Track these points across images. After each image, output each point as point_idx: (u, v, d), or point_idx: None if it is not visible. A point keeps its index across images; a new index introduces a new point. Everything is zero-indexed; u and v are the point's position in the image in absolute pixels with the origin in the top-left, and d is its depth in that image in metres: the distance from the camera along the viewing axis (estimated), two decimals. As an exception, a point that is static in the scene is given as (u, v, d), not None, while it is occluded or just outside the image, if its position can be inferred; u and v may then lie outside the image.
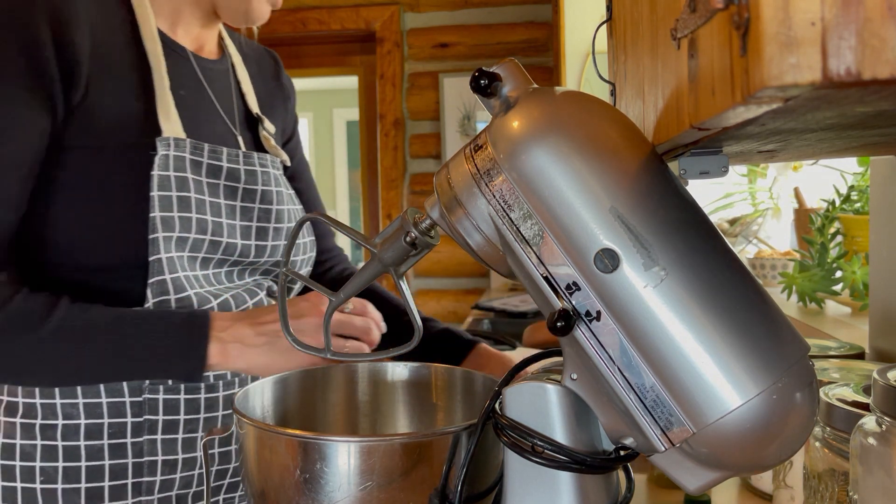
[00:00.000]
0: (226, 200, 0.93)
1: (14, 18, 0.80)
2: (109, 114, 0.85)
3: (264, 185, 0.97)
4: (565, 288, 0.49)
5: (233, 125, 1.00)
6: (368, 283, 0.70)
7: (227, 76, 1.03)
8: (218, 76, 1.01)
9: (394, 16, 3.49)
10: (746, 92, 0.28)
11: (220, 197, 0.92)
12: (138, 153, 0.86)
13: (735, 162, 0.65)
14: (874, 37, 0.25)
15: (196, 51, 0.99)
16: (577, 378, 0.54)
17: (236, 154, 0.95)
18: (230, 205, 0.93)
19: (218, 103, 0.99)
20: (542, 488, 0.55)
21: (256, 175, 0.97)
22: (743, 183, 2.14)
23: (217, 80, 1.00)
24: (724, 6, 0.31)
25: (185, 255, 0.87)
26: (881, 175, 1.00)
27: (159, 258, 0.85)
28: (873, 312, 1.02)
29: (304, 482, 0.63)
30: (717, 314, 0.46)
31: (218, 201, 0.91)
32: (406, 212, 0.64)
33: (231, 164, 0.94)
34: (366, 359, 0.86)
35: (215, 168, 0.92)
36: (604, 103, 0.53)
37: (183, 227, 0.86)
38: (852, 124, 0.40)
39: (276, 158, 1.03)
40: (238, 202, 0.94)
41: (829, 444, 0.61)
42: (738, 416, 0.45)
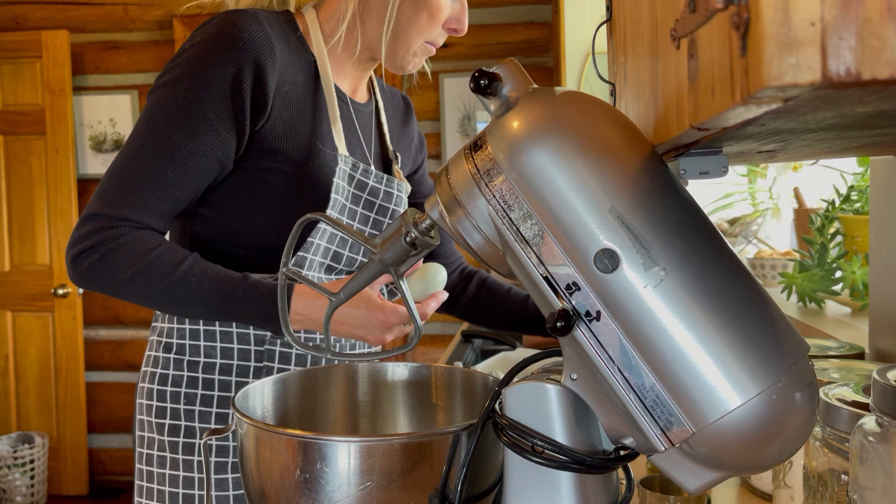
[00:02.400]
0: (363, 210, 1.16)
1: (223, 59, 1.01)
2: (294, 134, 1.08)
3: (395, 204, 1.20)
4: (565, 288, 0.49)
5: (368, 155, 1.21)
6: (368, 283, 0.70)
7: (370, 116, 1.25)
8: (364, 116, 1.23)
9: (394, 16, 3.48)
10: (746, 92, 0.29)
11: (360, 207, 1.15)
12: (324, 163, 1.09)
13: (735, 162, 0.65)
14: (874, 37, 0.25)
15: (351, 94, 1.21)
16: (577, 378, 0.54)
17: (381, 177, 1.18)
18: (366, 214, 1.16)
19: (362, 137, 1.21)
20: (542, 488, 0.55)
21: (392, 196, 1.19)
22: (743, 183, 2.14)
23: (363, 119, 1.22)
24: (723, 6, 0.31)
25: (324, 245, 1.10)
26: (881, 175, 1.00)
27: (313, 241, 1.08)
28: (873, 312, 1.02)
29: (304, 482, 0.63)
30: (717, 314, 0.46)
31: (356, 209, 1.14)
32: (406, 212, 0.64)
33: (374, 183, 1.17)
34: (366, 359, 0.86)
35: (362, 183, 1.15)
36: (604, 103, 0.53)
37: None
38: (852, 124, 0.40)
39: (404, 185, 1.24)
40: (373, 214, 1.17)
41: (829, 444, 0.61)
42: (737, 416, 0.45)
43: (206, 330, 1.10)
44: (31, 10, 3.68)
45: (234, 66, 1.01)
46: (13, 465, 3.40)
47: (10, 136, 3.63)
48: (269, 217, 1.08)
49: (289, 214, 1.07)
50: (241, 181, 1.08)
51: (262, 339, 1.10)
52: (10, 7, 3.68)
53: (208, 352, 1.10)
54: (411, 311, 0.70)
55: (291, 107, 1.09)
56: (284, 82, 1.08)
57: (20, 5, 3.69)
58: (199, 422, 1.09)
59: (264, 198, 1.07)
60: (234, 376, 1.09)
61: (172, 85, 1.03)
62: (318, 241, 1.09)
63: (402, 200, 1.23)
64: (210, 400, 1.10)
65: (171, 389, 1.11)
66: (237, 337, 1.10)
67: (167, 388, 1.11)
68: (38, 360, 3.64)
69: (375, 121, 1.27)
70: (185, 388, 1.10)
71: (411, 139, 1.40)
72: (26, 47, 3.58)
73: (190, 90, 1.01)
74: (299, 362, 1.11)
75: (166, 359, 1.12)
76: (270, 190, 1.07)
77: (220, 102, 1.01)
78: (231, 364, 1.10)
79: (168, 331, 1.13)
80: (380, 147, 1.27)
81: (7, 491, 3.40)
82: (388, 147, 1.28)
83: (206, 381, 1.10)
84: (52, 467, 3.62)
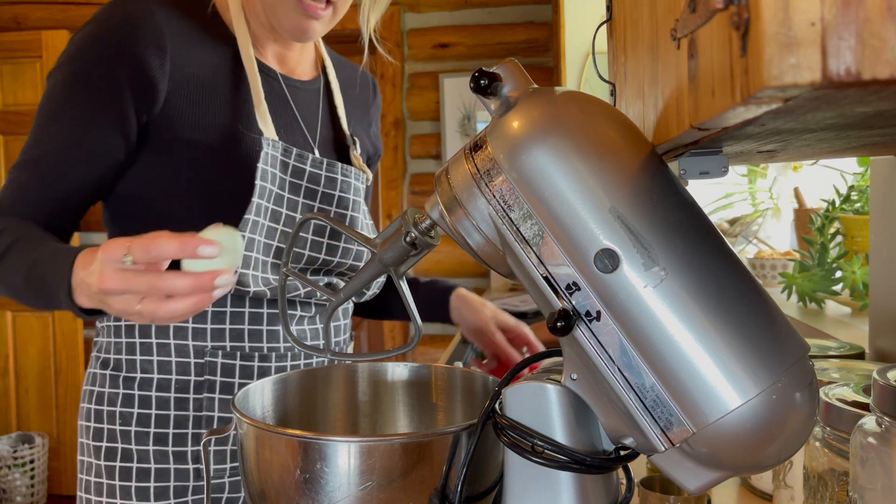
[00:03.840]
0: (304, 199, 1.05)
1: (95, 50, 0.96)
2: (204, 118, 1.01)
3: (342, 192, 1.10)
4: (565, 288, 0.49)
5: (312, 139, 1.12)
6: (368, 283, 0.70)
7: (314, 96, 1.16)
8: (303, 94, 1.14)
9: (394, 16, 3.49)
10: (746, 92, 0.28)
11: (300, 196, 1.05)
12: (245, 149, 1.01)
13: (735, 162, 0.65)
14: (874, 37, 0.25)
15: (286, 72, 1.13)
16: (577, 378, 0.54)
17: (321, 161, 1.08)
18: (308, 204, 1.06)
19: (301, 119, 1.12)
20: (542, 488, 0.55)
21: (336, 182, 1.10)
22: (743, 183, 2.14)
23: (302, 98, 1.13)
24: (723, 6, 0.31)
25: (264, 241, 0.99)
26: (881, 175, 1.00)
27: (243, 235, 0.96)
28: (873, 312, 1.02)
29: (304, 482, 0.63)
30: (717, 314, 0.46)
31: (297, 199, 1.04)
32: (406, 212, 0.64)
33: (314, 170, 1.07)
34: (366, 359, 0.86)
35: (299, 170, 1.05)
36: (604, 103, 0.53)
37: (264, 214, 0.99)
38: (852, 124, 0.40)
39: (361, 173, 1.15)
40: (316, 203, 1.07)
41: (829, 444, 0.61)
42: (737, 416, 0.45)
43: (142, 343, 1.02)
44: (31, 10, 3.68)
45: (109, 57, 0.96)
46: (13, 465, 3.40)
47: (10, 136, 3.63)
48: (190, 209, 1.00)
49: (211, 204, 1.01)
50: (155, 170, 1.01)
51: (202, 351, 1.02)
52: (10, 7, 3.69)
53: (144, 367, 1.02)
54: (411, 312, 0.70)
55: (201, 90, 1.02)
56: (186, 64, 1.01)
57: (20, 5, 3.69)
58: (135, 444, 1.02)
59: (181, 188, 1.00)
60: (173, 392, 1.02)
61: (52, 78, 0.99)
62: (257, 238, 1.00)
63: (352, 188, 1.13)
64: (147, 419, 1.02)
65: (107, 409, 1.04)
66: (175, 349, 1.02)
67: (103, 407, 1.04)
68: (38, 360, 3.64)
69: (326, 101, 1.19)
70: (119, 406, 1.03)
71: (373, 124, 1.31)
72: (26, 47, 3.58)
73: (66, 84, 0.97)
74: (244, 374, 1.02)
75: (102, 376, 1.05)
76: (187, 179, 1.00)
77: (95, 95, 0.96)
78: (169, 379, 1.02)
79: (106, 345, 1.06)
80: (332, 129, 1.18)
81: (7, 491, 3.40)
82: (342, 130, 1.19)
83: (142, 399, 1.02)
84: (52, 467, 3.62)
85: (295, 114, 1.12)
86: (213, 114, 1.01)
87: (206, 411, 1.02)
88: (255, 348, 1.02)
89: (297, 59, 1.15)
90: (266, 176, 1.00)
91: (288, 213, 1.03)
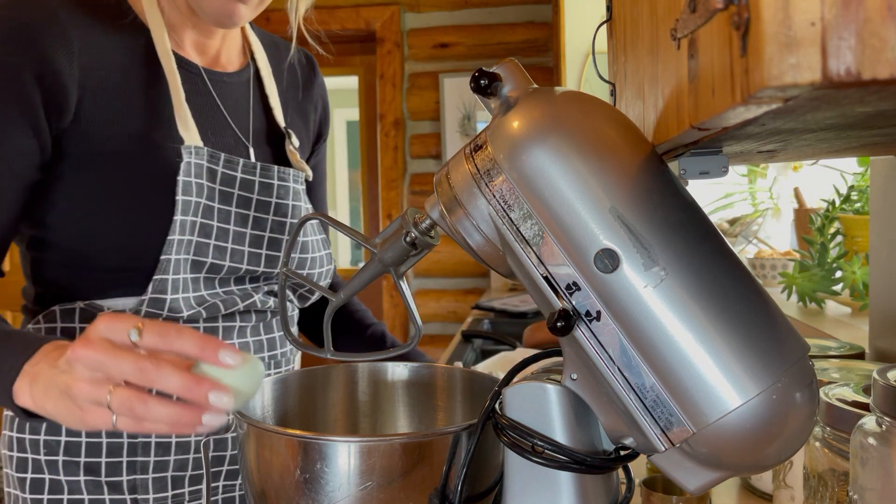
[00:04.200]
0: (238, 209, 0.95)
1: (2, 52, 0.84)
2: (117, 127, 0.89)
3: (279, 198, 1.00)
4: (565, 288, 0.49)
5: (245, 138, 1.02)
6: (368, 283, 0.70)
7: (243, 88, 1.04)
8: (232, 89, 1.03)
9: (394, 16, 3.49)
10: (746, 92, 0.29)
11: (233, 205, 0.95)
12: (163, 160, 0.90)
13: (735, 162, 0.65)
14: (874, 37, 0.25)
15: (209, 65, 1.01)
16: (577, 378, 0.54)
17: (253, 166, 0.97)
18: (242, 214, 0.96)
19: (230, 117, 1.01)
20: (542, 488, 0.55)
21: (272, 188, 0.99)
22: (743, 183, 2.14)
23: (231, 94, 1.02)
24: (724, 6, 0.31)
25: (191, 259, 0.90)
26: (881, 175, 1.00)
27: (169, 258, 0.88)
28: (873, 312, 1.02)
29: (304, 482, 0.63)
30: (717, 314, 0.46)
31: (228, 209, 0.94)
32: (406, 212, 0.64)
33: (246, 175, 0.96)
34: (366, 359, 0.86)
35: (229, 177, 0.95)
36: (604, 103, 0.53)
37: (190, 230, 0.90)
38: (852, 124, 0.40)
39: (300, 173, 1.04)
40: (251, 212, 0.97)
41: (829, 444, 0.61)
42: (738, 416, 0.45)
43: None
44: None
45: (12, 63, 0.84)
46: (13, 465, 3.39)
47: None
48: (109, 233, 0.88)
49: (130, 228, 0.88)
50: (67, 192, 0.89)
51: None
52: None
53: None
54: (411, 311, 0.70)
55: (113, 95, 0.90)
56: (96, 67, 0.88)
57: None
58: (64, 475, 0.91)
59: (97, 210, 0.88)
60: None
61: None
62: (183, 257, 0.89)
63: (289, 191, 1.01)
64: (76, 448, 0.91)
65: (30, 437, 0.93)
66: None
67: (25, 435, 0.93)
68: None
69: (257, 92, 1.06)
70: (44, 434, 0.92)
71: (314, 108, 1.16)
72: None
73: None
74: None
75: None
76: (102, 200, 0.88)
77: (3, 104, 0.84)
78: None
79: None
80: (266, 123, 1.06)
81: (7, 491, 3.39)
82: (276, 122, 1.07)
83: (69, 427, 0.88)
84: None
85: (223, 112, 1.00)
86: (127, 122, 0.90)
87: (143, 437, 0.92)
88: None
89: (219, 47, 1.03)
90: (190, 189, 0.89)
91: (220, 226, 0.93)
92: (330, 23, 3.45)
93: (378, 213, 3.59)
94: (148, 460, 0.93)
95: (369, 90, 3.68)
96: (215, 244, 0.92)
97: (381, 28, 3.49)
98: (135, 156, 0.89)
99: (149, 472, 0.93)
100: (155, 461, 0.93)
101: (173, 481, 0.95)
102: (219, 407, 0.60)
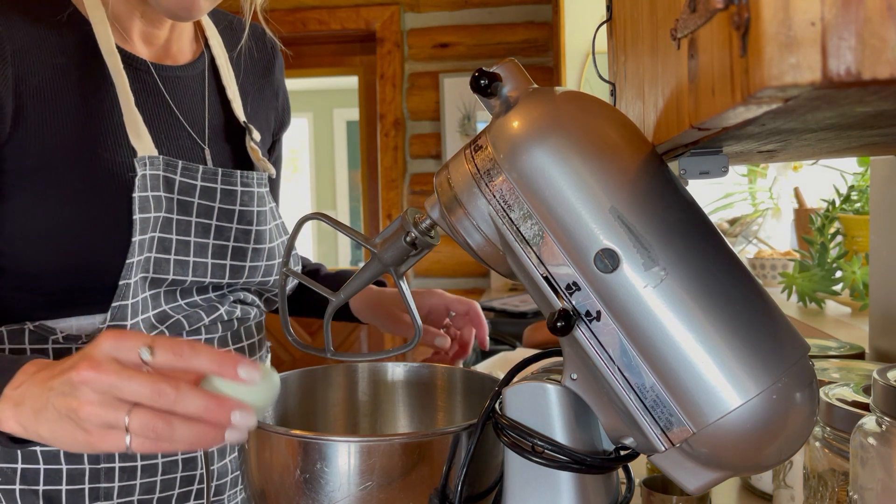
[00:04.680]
0: (198, 219, 0.87)
1: None
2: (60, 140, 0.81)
3: (243, 204, 0.91)
4: (565, 288, 0.49)
5: (201, 138, 0.93)
6: (369, 283, 0.70)
7: (197, 82, 0.95)
8: (184, 84, 0.93)
9: (394, 16, 3.49)
10: (746, 92, 0.28)
11: (192, 215, 0.87)
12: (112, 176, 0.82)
13: (735, 162, 0.65)
14: (874, 37, 0.25)
15: (159, 58, 0.92)
16: (577, 378, 0.54)
17: (214, 172, 0.89)
18: (203, 223, 0.88)
19: (183, 116, 0.92)
20: (542, 488, 0.55)
21: (235, 195, 0.91)
22: (743, 183, 2.14)
23: (183, 90, 0.93)
24: (724, 6, 0.31)
25: (150, 277, 0.84)
26: (881, 175, 1.00)
27: (128, 283, 0.81)
28: (873, 312, 1.02)
29: (304, 482, 0.63)
30: (717, 314, 0.46)
31: (188, 219, 0.86)
32: (406, 212, 0.64)
33: (206, 183, 0.88)
34: (366, 359, 0.86)
35: (188, 186, 0.86)
36: (604, 103, 0.53)
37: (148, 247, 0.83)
38: (852, 124, 0.40)
39: (263, 174, 0.96)
40: (213, 221, 0.89)
41: (829, 444, 0.61)
42: (738, 416, 0.45)
43: None
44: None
45: None
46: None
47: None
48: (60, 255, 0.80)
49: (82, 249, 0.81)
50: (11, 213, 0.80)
51: None
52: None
53: None
54: (411, 311, 0.70)
55: (51, 103, 0.80)
56: (32, 72, 0.79)
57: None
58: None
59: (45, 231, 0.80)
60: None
61: None
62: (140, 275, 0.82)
63: (253, 196, 0.92)
64: (35, 476, 0.83)
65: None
66: None
67: None
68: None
69: (214, 84, 0.97)
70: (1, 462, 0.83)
71: (274, 95, 1.06)
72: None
73: None
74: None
75: None
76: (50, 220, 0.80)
77: None
78: None
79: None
80: (223, 118, 0.96)
81: (7, 491, 3.39)
82: (235, 117, 0.97)
83: (26, 454, 0.83)
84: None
85: (175, 113, 0.91)
86: (72, 131, 0.81)
87: (105, 463, 0.84)
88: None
89: (169, 36, 0.92)
90: (147, 205, 0.81)
91: (179, 239, 0.85)
92: (330, 23, 3.45)
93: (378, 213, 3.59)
94: (112, 486, 0.86)
95: (369, 90, 3.68)
96: (176, 259, 0.85)
97: (381, 28, 3.49)
98: (83, 170, 0.81)
99: (113, 499, 0.85)
100: (120, 486, 0.86)
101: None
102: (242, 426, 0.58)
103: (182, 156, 0.89)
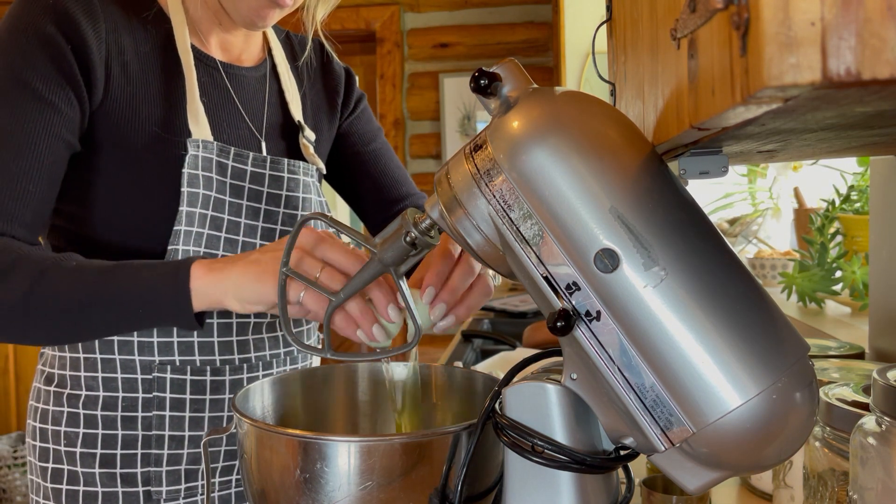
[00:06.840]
0: (249, 202, 0.97)
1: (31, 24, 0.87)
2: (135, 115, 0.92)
3: (290, 190, 1.02)
4: (565, 288, 0.49)
5: (258, 132, 1.04)
6: (368, 282, 0.70)
7: (260, 83, 1.07)
8: (248, 82, 1.05)
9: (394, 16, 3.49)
10: (746, 92, 0.29)
11: (244, 199, 0.97)
12: (170, 152, 0.92)
13: (735, 162, 0.65)
14: (874, 37, 0.25)
15: (232, 60, 1.04)
16: (577, 378, 0.54)
17: (263, 159, 0.99)
18: (254, 207, 0.98)
19: (244, 110, 1.03)
20: (542, 488, 0.55)
21: (282, 181, 1.01)
22: (743, 183, 2.14)
23: (247, 88, 1.04)
24: (723, 6, 0.31)
25: (202, 251, 0.92)
26: (881, 175, 1.00)
27: (177, 248, 0.90)
28: (873, 312, 1.02)
29: (304, 482, 0.63)
30: (717, 314, 0.46)
31: (240, 202, 0.96)
32: (406, 212, 0.64)
33: (256, 168, 0.98)
34: (366, 359, 0.86)
35: (239, 171, 0.97)
36: (604, 103, 0.53)
37: (200, 223, 0.93)
38: (852, 124, 0.40)
39: (311, 167, 1.06)
40: (262, 205, 0.99)
41: (829, 444, 0.61)
42: (737, 416, 0.45)
43: (86, 358, 0.94)
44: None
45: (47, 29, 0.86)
46: (13, 464, 3.40)
47: None
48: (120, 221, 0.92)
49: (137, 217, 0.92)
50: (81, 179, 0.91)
51: (150, 367, 0.93)
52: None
53: (89, 384, 0.94)
54: (411, 311, 0.70)
55: (131, 82, 0.93)
56: (121, 51, 0.92)
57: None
58: (81, 466, 0.94)
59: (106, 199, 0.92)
60: (120, 411, 0.94)
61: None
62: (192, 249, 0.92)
63: (300, 184, 1.03)
64: (94, 440, 0.94)
65: (52, 428, 0.96)
66: (121, 365, 0.93)
67: (48, 426, 0.97)
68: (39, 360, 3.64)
69: (274, 86, 1.09)
70: (64, 426, 0.95)
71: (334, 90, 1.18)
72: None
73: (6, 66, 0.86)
74: (196, 390, 0.95)
75: (47, 392, 0.98)
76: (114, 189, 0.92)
77: (45, 72, 0.86)
78: (116, 397, 0.94)
79: (50, 359, 0.98)
80: (281, 117, 1.08)
81: (7, 491, 3.40)
82: (291, 117, 1.08)
83: (87, 419, 0.94)
84: (52, 467, 3.61)
85: (237, 106, 1.02)
86: (143, 110, 0.92)
87: (157, 430, 0.95)
88: (206, 361, 0.95)
89: (242, 45, 1.06)
90: (196, 181, 0.92)
91: (230, 219, 0.95)
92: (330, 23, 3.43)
93: (378, 213, 3.58)
94: (162, 453, 0.95)
95: (369, 90, 3.68)
96: (226, 237, 0.95)
97: (381, 28, 3.49)
98: (146, 145, 0.92)
99: (163, 465, 0.95)
100: (168, 454, 0.95)
101: (186, 474, 0.97)
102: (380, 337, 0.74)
103: (239, 144, 1.00)
